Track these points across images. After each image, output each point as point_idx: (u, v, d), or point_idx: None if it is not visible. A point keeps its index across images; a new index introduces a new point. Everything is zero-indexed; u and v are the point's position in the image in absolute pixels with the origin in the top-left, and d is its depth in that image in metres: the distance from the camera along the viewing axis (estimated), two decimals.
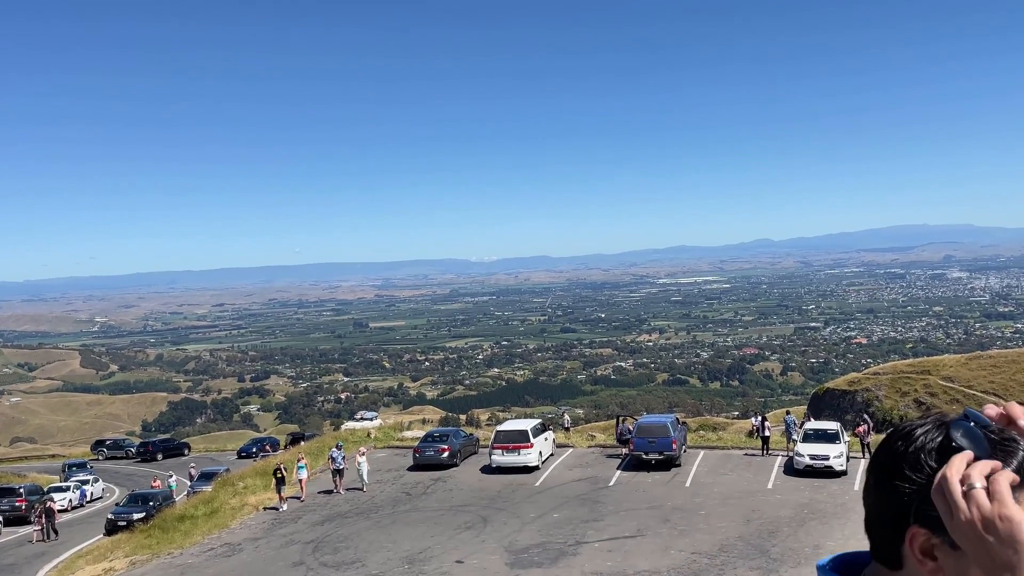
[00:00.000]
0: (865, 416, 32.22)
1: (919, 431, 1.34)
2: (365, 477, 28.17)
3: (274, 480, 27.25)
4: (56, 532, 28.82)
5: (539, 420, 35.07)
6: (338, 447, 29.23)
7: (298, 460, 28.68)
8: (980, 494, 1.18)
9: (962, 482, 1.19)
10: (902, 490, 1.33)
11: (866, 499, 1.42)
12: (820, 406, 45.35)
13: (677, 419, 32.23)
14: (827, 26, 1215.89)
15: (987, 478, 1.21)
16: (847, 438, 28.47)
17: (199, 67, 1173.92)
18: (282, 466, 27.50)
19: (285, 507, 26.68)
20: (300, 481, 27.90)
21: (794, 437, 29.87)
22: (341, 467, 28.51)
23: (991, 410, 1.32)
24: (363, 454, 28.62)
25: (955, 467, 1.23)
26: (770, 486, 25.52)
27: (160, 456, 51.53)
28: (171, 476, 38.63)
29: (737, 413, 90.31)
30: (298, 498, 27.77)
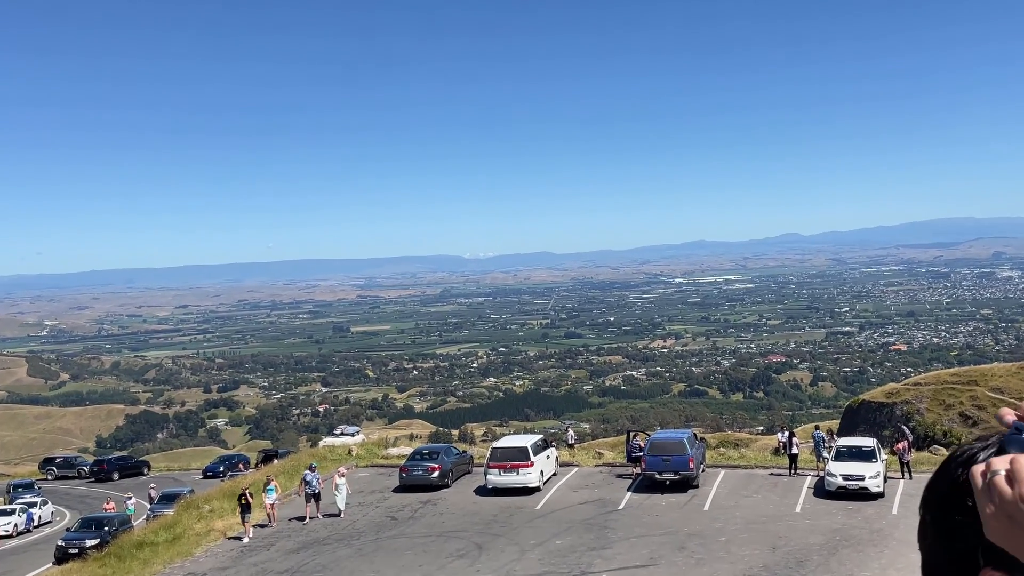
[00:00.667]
0: (904, 431, 32.26)
1: (981, 456, 1.25)
2: (342, 505, 27.75)
3: (238, 506, 26.88)
4: None
5: (540, 436, 35.04)
6: (311, 468, 28.85)
7: (267, 482, 28.24)
8: (1000, 480, 1.15)
9: (983, 474, 1.17)
10: (967, 527, 1.21)
11: (922, 541, 1.30)
12: (854, 420, 45.35)
13: (695, 435, 32.35)
14: (864, 4, 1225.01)
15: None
16: (884, 456, 28.49)
17: (160, 46, 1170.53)
18: (247, 491, 27.12)
19: (249, 539, 26.09)
20: (268, 506, 27.50)
21: (825, 455, 29.96)
22: (316, 491, 28.15)
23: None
24: (342, 475, 28.25)
25: (983, 464, 1.20)
26: (798, 510, 25.51)
27: (116, 476, 51.39)
28: (129, 498, 38.58)
29: (762, 428, 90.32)
30: (265, 525, 27.46)
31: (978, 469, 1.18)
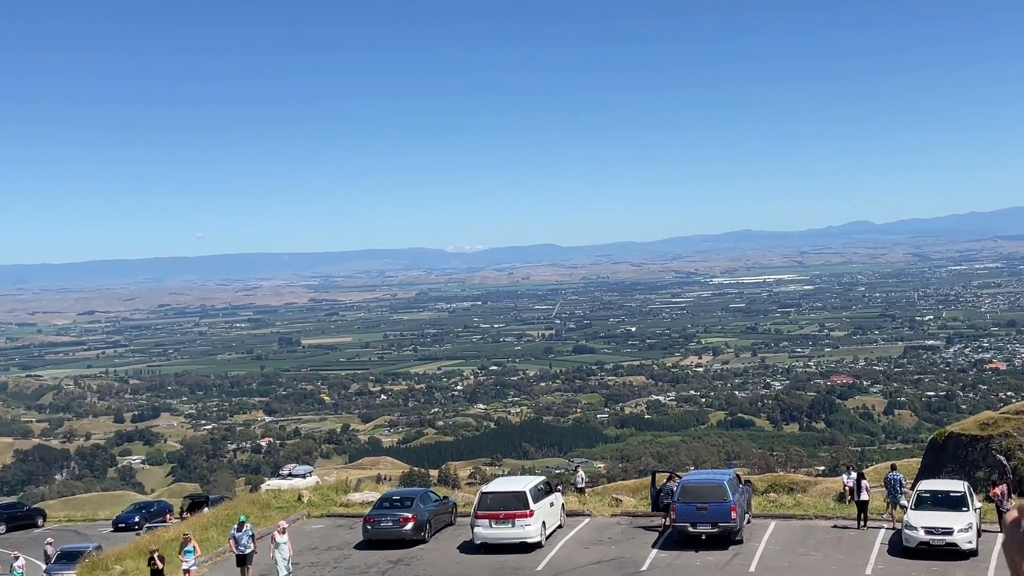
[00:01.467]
0: (1004, 470, 32.22)
1: None
2: (283, 570, 27.17)
3: (149, 572, 26.91)
4: None
5: (542, 478, 34.97)
6: (240, 525, 28.49)
7: (184, 542, 28.13)
8: (1010, 513, 1.35)
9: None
10: None
11: None
12: (940, 458, 45.43)
13: (738, 477, 32.47)
14: None
15: None
16: (978, 503, 28.61)
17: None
18: (156, 554, 26.98)
19: None
20: (186, 573, 27.43)
21: (902, 502, 30.22)
22: (247, 551, 27.92)
23: None
24: (283, 531, 27.78)
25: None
26: (869, 572, 25.59)
27: (2, 527, 51.04)
28: (16, 558, 38.33)
29: (823, 468, 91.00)
30: None
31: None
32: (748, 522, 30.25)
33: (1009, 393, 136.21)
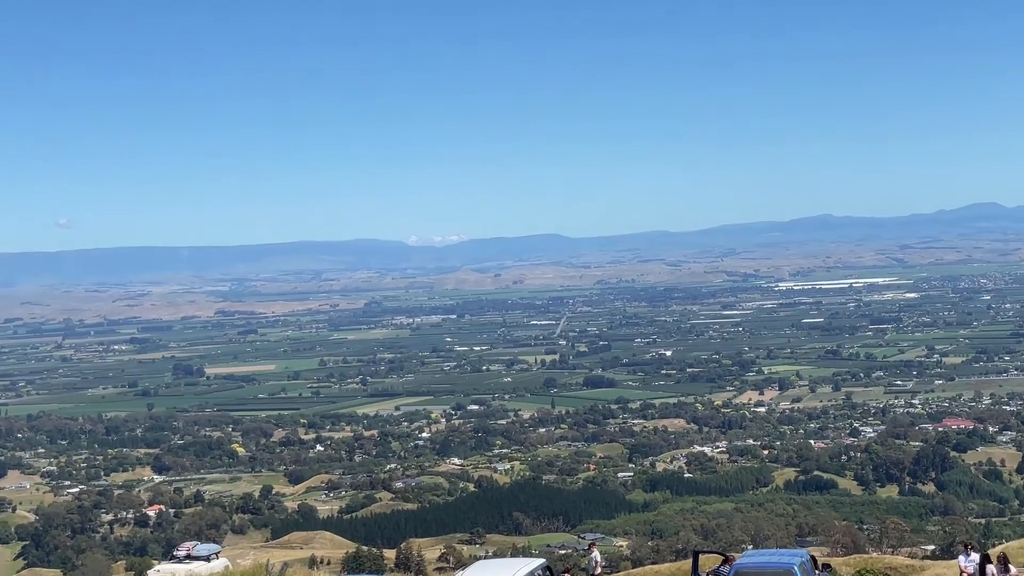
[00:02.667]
0: None
1: None
2: None
3: None
4: None
5: (541, 561, 34.42)
6: None
7: None
8: None
9: None
10: None
11: None
12: None
13: (813, 560, 32.32)
14: None
15: None
16: None
17: None
18: None
19: None
20: None
21: None
22: None
23: None
24: None
25: None
26: None
27: None
28: None
29: (933, 548, 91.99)
30: None
31: None
32: None
33: None
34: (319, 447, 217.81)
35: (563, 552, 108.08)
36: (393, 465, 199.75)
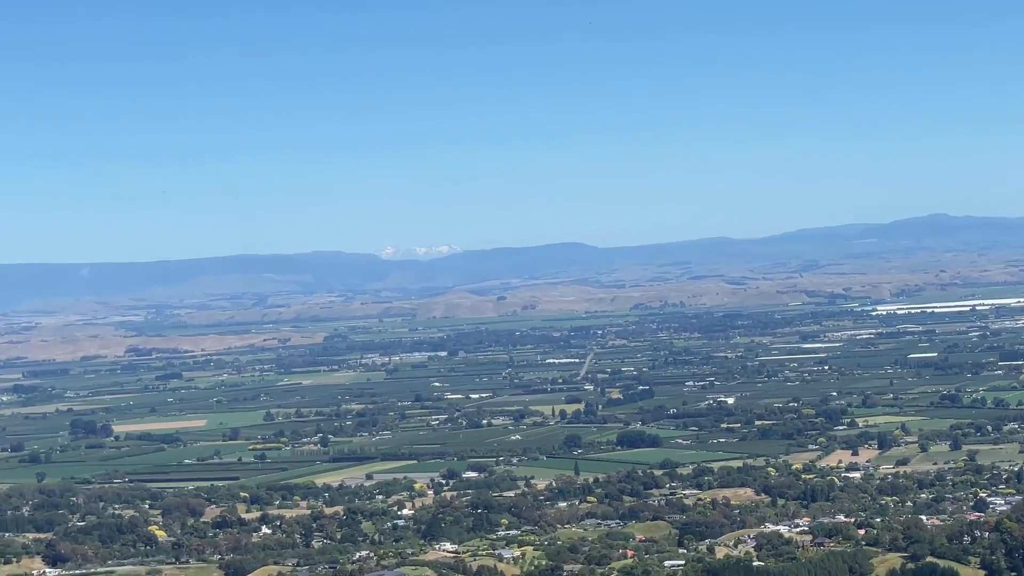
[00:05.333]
0: None
1: None
2: None
3: None
4: None
5: None
6: None
7: None
8: None
9: None
10: None
11: None
12: None
13: None
14: None
15: None
16: None
17: None
18: None
19: None
20: None
21: None
22: None
23: None
24: None
25: None
26: None
27: None
28: None
29: None
30: None
31: None
32: None
33: None
34: (265, 529, 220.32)
35: None
36: (364, 553, 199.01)
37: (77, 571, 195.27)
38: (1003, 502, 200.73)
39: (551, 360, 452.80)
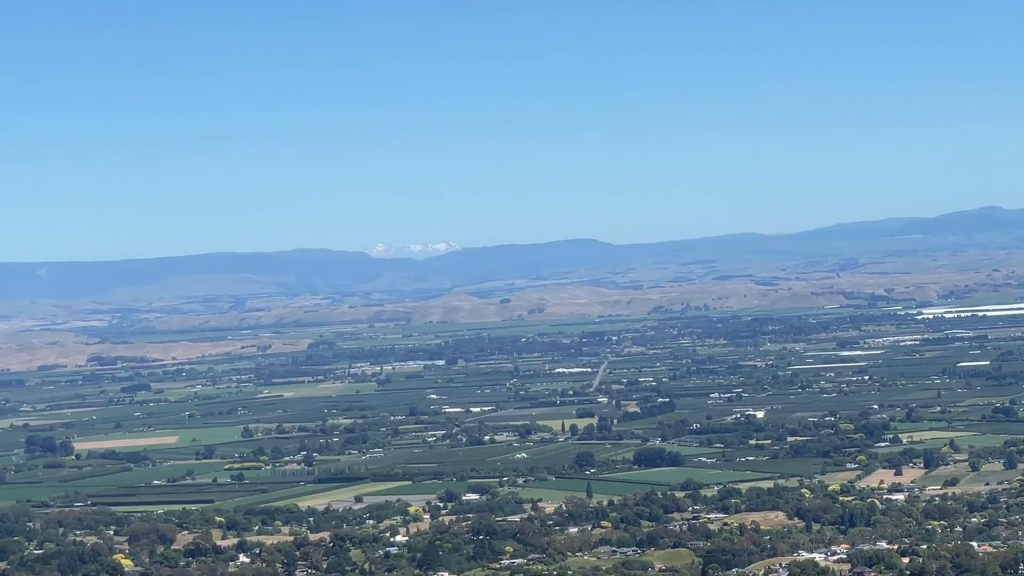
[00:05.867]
0: None
1: None
2: None
3: None
4: None
5: None
6: None
7: None
8: None
9: None
10: None
11: None
12: None
13: None
14: None
15: None
16: None
17: None
18: None
19: None
20: None
21: None
22: None
23: None
24: None
25: None
26: None
27: None
28: None
29: None
30: None
31: None
32: None
33: None
34: (243, 558, 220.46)
35: None
36: None
37: None
38: None
39: (561, 369, 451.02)
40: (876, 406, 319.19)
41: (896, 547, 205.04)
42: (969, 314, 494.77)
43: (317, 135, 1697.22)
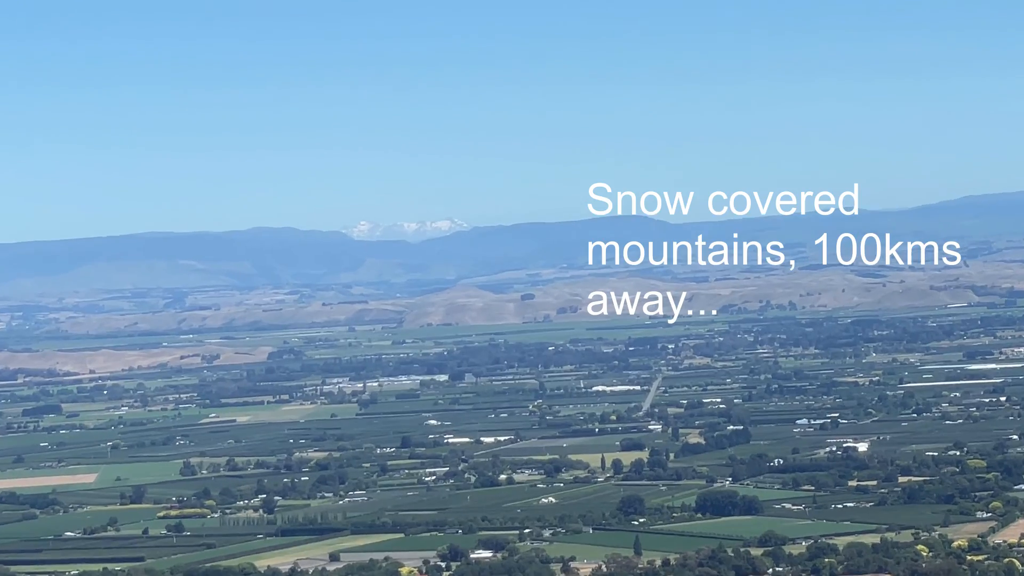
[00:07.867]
0: None
1: None
2: None
3: None
4: None
5: None
6: None
7: None
8: None
9: None
10: None
11: None
12: None
13: None
14: None
15: None
16: None
17: None
18: None
19: None
20: None
21: None
22: None
23: None
24: None
25: None
26: None
27: None
28: None
29: None
30: None
31: None
32: None
33: None
34: None
35: None
36: None
37: None
38: None
39: (600, 388, 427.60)
40: (1015, 437, 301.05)
41: None
42: None
43: (278, 76, 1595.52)
